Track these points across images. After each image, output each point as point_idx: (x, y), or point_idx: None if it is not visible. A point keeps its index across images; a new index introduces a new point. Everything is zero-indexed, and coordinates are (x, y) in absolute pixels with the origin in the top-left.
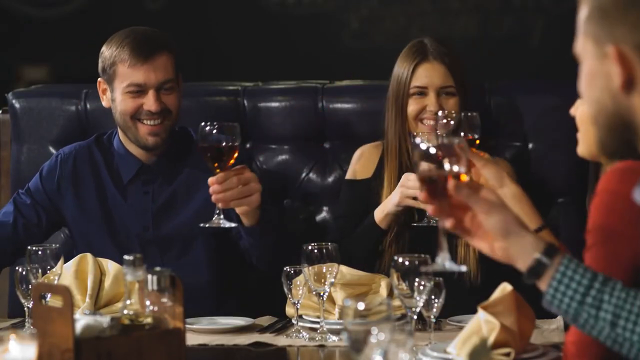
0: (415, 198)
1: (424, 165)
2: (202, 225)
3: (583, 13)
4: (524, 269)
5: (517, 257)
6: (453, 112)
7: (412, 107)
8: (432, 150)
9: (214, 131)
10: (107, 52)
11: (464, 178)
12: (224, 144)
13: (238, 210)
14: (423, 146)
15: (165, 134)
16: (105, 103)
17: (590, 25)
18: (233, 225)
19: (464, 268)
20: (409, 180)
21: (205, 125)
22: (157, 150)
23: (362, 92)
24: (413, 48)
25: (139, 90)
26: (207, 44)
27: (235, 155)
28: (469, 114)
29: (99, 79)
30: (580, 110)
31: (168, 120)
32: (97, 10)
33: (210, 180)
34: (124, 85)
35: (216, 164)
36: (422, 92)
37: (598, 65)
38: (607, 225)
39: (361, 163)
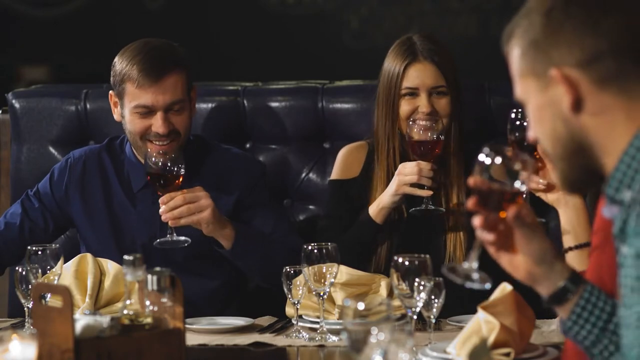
0: (412, 185)
1: (485, 175)
2: (156, 243)
3: (514, 55)
4: (546, 294)
5: (542, 282)
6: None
7: (404, 107)
8: (498, 161)
9: (160, 161)
10: (118, 66)
11: (521, 201)
12: (167, 169)
13: (204, 230)
14: (489, 158)
15: (177, 154)
16: (116, 117)
17: (526, 61)
18: (186, 239)
19: (488, 285)
20: (406, 168)
21: (151, 154)
22: None
23: (362, 92)
24: (403, 47)
25: (146, 112)
26: (207, 44)
27: (180, 179)
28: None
29: (110, 91)
30: None
31: (176, 141)
32: (97, 10)
33: (160, 202)
34: (132, 105)
35: (162, 189)
36: (413, 92)
37: (543, 97)
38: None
39: (347, 163)
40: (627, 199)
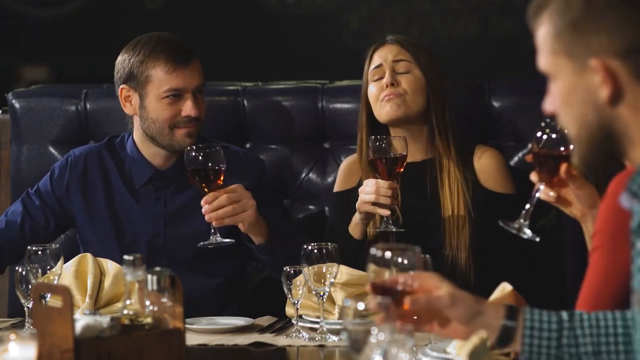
0: (374, 203)
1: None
2: (200, 245)
3: (545, 31)
4: (495, 341)
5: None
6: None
7: (371, 91)
8: (388, 256)
9: (200, 156)
10: (133, 58)
11: (410, 301)
12: (210, 166)
13: (241, 228)
14: (378, 254)
15: (196, 138)
16: (130, 110)
17: (562, 41)
18: (230, 241)
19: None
20: (367, 186)
21: (191, 150)
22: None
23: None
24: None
25: (176, 95)
26: (207, 44)
27: (222, 177)
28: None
29: (121, 86)
30: None
31: (200, 124)
32: (97, 10)
33: (202, 201)
34: (161, 90)
35: (204, 185)
36: (380, 74)
37: (577, 80)
38: (614, 228)
39: (345, 174)
40: None
